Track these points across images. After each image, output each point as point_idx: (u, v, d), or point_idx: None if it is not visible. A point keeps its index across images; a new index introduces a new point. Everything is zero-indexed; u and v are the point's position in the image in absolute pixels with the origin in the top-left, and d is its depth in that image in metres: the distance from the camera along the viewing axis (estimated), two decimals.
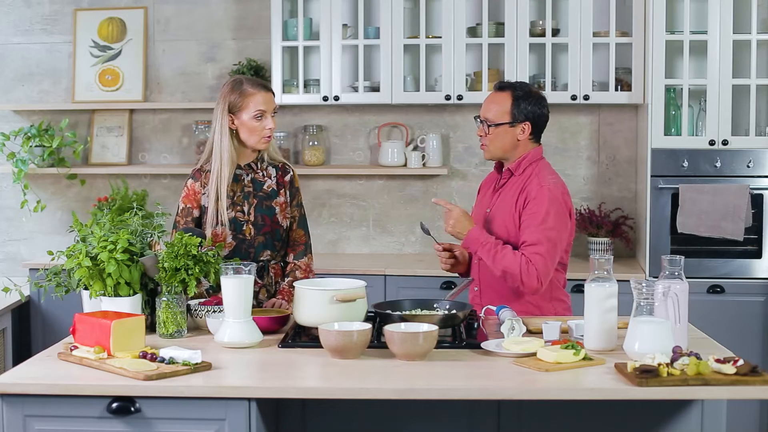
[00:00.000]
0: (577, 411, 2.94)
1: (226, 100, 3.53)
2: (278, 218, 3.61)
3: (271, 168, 3.64)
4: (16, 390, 2.68)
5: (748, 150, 4.76)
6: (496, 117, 3.52)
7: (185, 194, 3.61)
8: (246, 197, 3.57)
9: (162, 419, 2.66)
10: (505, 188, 3.58)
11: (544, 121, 3.59)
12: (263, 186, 3.61)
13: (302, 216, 3.70)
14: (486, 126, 3.53)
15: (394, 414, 3.01)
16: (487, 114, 3.53)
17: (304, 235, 3.70)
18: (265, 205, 3.59)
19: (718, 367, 2.63)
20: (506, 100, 3.52)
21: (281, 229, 3.62)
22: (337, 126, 5.46)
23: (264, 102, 3.53)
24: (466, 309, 3.21)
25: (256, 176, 3.61)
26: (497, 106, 3.52)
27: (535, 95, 3.55)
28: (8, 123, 5.55)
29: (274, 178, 3.63)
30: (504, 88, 3.57)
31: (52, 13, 5.53)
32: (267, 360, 2.91)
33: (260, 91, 3.53)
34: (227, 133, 3.52)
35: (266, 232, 3.58)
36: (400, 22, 5.03)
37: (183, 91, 5.51)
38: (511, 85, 3.58)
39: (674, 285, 2.90)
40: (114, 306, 3.09)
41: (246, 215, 3.57)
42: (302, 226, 3.70)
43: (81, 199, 5.54)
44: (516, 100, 3.51)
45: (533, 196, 3.45)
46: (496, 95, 3.56)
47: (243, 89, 3.52)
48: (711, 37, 4.73)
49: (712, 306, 4.69)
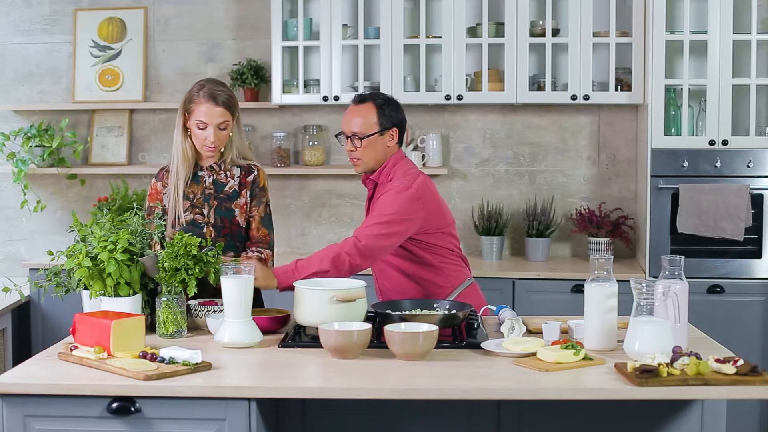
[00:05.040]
0: (577, 411, 2.94)
1: (185, 98, 3.53)
2: (238, 220, 3.55)
3: (236, 168, 3.57)
4: (16, 390, 2.68)
5: (748, 150, 4.76)
6: (365, 129, 3.52)
7: (149, 193, 3.61)
8: (206, 199, 3.53)
9: (162, 419, 2.66)
10: (375, 200, 3.58)
11: (405, 124, 3.63)
12: (225, 187, 3.55)
13: (267, 216, 3.60)
14: (356, 140, 3.52)
15: (394, 414, 3.01)
16: (353, 128, 3.53)
17: (268, 234, 3.60)
18: (225, 207, 3.53)
19: (718, 367, 2.63)
20: (370, 110, 3.53)
21: (241, 230, 3.56)
22: (337, 126, 5.41)
23: (206, 114, 3.45)
24: (466, 309, 3.21)
25: (218, 177, 3.55)
26: (362, 119, 3.53)
27: (393, 101, 3.60)
28: (8, 123, 5.55)
29: (237, 179, 3.56)
30: (364, 99, 3.57)
31: (52, 13, 5.53)
32: (267, 360, 2.91)
33: (206, 103, 3.45)
34: (181, 131, 3.51)
35: (226, 234, 3.53)
36: (400, 22, 5.03)
37: (183, 91, 5.45)
38: (369, 96, 3.58)
39: (674, 285, 2.90)
40: (114, 306, 3.09)
41: (205, 217, 3.52)
42: (266, 225, 3.59)
43: (81, 199, 5.54)
44: (380, 109, 3.53)
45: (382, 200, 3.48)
46: (357, 108, 3.55)
47: (196, 94, 3.48)
48: (711, 37, 4.73)
49: (712, 306, 4.69)
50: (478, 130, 5.38)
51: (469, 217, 5.32)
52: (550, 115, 5.34)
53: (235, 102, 3.53)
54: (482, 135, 5.38)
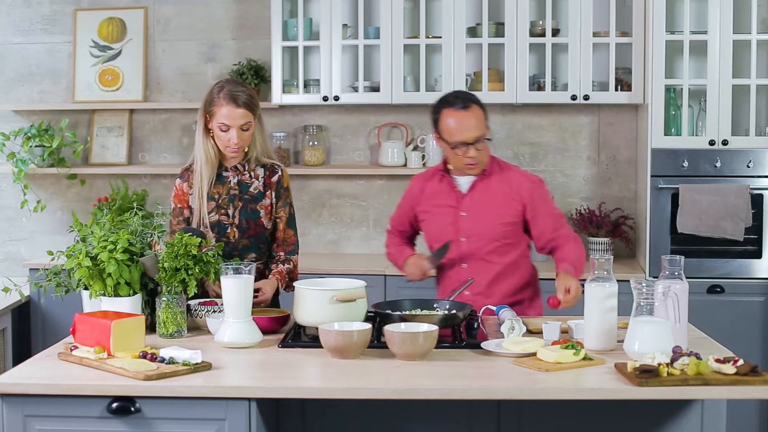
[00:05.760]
0: (577, 411, 2.94)
1: (205, 100, 3.52)
2: (263, 221, 3.56)
3: (260, 168, 3.58)
4: (16, 390, 2.68)
5: (748, 150, 4.76)
6: (483, 130, 3.55)
7: (174, 194, 3.60)
8: (231, 200, 3.54)
9: (162, 419, 2.66)
10: (477, 190, 3.61)
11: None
12: (250, 188, 3.56)
13: (291, 216, 3.63)
14: (480, 143, 3.52)
15: (394, 414, 3.01)
16: (475, 133, 3.51)
17: (293, 235, 3.62)
18: (250, 208, 3.54)
19: (718, 367, 2.63)
20: (479, 112, 3.55)
21: (266, 231, 3.58)
22: (337, 126, 5.46)
23: (228, 116, 3.44)
24: (466, 309, 3.22)
25: (242, 178, 3.56)
26: (477, 121, 3.54)
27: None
28: (8, 123, 5.55)
29: (262, 179, 3.57)
30: (468, 103, 3.55)
31: (52, 13, 5.53)
32: (267, 360, 2.91)
33: (227, 105, 3.44)
34: (203, 132, 3.51)
35: (250, 236, 3.55)
36: (400, 22, 5.03)
37: (183, 91, 5.51)
38: (470, 98, 3.58)
39: (674, 285, 2.90)
40: (114, 306, 3.09)
41: (230, 218, 3.53)
42: (291, 226, 3.62)
43: (81, 199, 5.54)
44: (482, 107, 3.58)
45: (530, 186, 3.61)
46: (468, 114, 3.53)
47: (216, 96, 3.47)
48: (711, 37, 4.73)
49: (712, 306, 4.69)
50: None
51: None
52: (550, 115, 5.34)
53: (256, 101, 3.53)
54: None
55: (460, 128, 3.50)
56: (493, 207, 3.59)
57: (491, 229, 3.59)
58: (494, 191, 3.60)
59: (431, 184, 3.70)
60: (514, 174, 3.64)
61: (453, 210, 3.63)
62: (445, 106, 3.56)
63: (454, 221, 3.62)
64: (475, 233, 3.60)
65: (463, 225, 3.61)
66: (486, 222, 3.59)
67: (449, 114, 3.53)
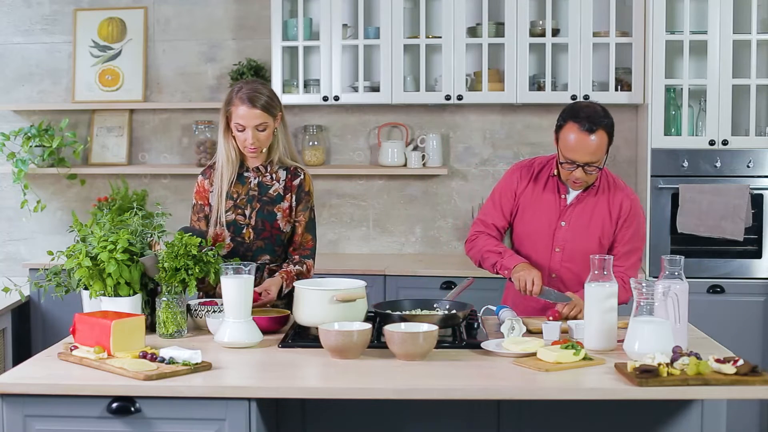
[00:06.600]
0: (577, 411, 2.94)
1: (226, 99, 3.52)
2: (279, 224, 3.55)
3: (282, 171, 3.57)
4: (16, 390, 2.68)
5: (748, 150, 4.76)
6: (600, 157, 3.39)
7: (195, 190, 3.61)
8: (249, 201, 3.54)
9: (162, 419, 2.67)
10: (582, 204, 3.53)
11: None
12: (269, 190, 3.55)
13: (311, 220, 3.59)
14: (589, 167, 3.40)
15: (394, 414, 3.01)
16: (589, 159, 3.37)
17: (311, 239, 3.59)
18: (267, 210, 3.54)
19: (718, 367, 2.63)
20: (604, 140, 3.37)
21: (282, 234, 3.56)
22: (337, 126, 5.46)
23: (243, 117, 3.43)
24: (466, 309, 3.22)
25: (263, 180, 3.55)
26: (598, 148, 3.36)
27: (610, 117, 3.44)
28: (8, 123, 5.55)
29: (283, 182, 3.56)
30: (595, 128, 3.35)
31: (52, 13, 5.53)
32: (267, 360, 2.91)
33: (243, 105, 3.43)
34: (224, 132, 3.51)
35: (265, 237, 3.54)
36: (400, 22, 5.03)
37: (183, 91, 5.51)
38: (600, 122, 3.37)
39: (674, 285, 2.90)
40: (114, 306, 3.09)
41: (247, 219, 3.53)
42: (310, 230, 3.59)
43: (81, 199, 5.54)
44: (610, 135, 3.40)
45: (631, 213, 3.53)
46: (594, 137, 3.34)
47: (234, 96, 3.47)
48: (711, 37, 4.73)
49: (712, 306, 4.69)
50: (478, 130, 5.38)
51: (469, 218, 5.31)
52: (550, 115, 5.33)
53: (275, 102, 3.50)
54: (482, 135, 5.38)
55: (576, 148, 3.36)
56: (594, 225, 3.52)
57: (588, 247, 3.48)
58: (599, 209, 3.52)
59: (539, 179, 3.59)
60: (619, 194, 3.54)
61: (554, 217, 3.55)
62: (573, 120, 3.38)
63: (552, 230, 3.54)
64: (570, 246, 3.53)
65: (560, 235, 3.53)
66: (584, 239, 3.52)
67: (572, 129, 3.37)
